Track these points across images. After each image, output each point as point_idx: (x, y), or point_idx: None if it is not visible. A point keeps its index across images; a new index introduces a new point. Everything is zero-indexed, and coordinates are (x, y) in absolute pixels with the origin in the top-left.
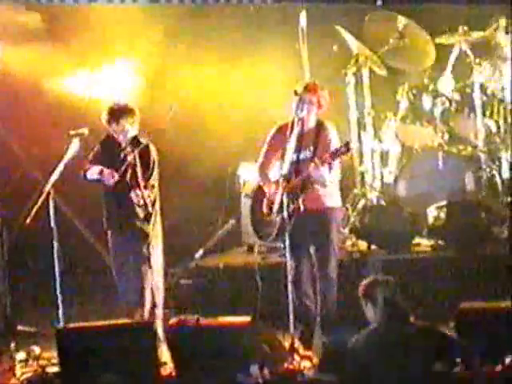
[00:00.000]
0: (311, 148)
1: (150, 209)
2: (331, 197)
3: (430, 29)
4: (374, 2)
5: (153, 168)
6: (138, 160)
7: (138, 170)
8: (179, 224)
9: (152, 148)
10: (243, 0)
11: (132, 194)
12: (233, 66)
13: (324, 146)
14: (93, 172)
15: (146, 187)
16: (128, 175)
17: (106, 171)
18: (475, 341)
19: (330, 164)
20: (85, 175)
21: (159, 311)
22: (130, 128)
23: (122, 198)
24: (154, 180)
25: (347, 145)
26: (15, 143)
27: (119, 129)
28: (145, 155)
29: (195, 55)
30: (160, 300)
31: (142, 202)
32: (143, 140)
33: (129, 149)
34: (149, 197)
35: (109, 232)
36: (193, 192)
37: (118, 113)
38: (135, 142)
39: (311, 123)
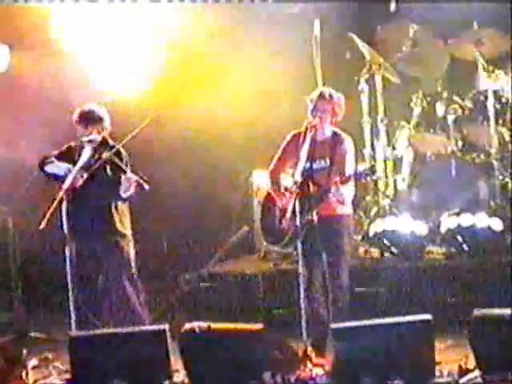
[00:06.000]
0: (327, 159)
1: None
2: (343, 204)
3: (442, 36)
4: (388, 8)
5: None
6: (108, 160)
7: (108, 168)
8: (192, 230)
9: (122, 151)
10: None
11: (122, 178)
12: (247, 73)
13: (340, 157)
14: (57, 166)
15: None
16: (99, 176)
17: (76, 172)
18: (488, 348)
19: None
20: (43, 165)
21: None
22: (97, 135)
23: (89, 204)
24: None
25: (372, 168)
26: (27, 147)
27: (86, 133)
28: (116, 157)
29: (208, 62)
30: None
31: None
32: (112, 143)
33: (98, 151)
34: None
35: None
36: (206, 198)
37: (86, 118)
38: (105, 144)
39: (327, 132)
